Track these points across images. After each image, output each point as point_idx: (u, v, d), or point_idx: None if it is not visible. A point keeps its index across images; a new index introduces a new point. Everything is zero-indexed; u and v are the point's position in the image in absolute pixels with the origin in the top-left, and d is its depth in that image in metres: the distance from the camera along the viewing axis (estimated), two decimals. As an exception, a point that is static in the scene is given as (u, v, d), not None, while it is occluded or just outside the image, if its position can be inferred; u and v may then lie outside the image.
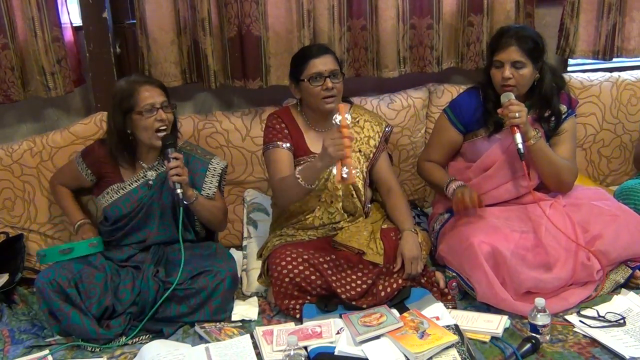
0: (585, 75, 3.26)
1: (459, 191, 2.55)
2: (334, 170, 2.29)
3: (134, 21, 2.89)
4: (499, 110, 2.50)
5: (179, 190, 2.41)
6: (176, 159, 2.42)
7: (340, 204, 2.61)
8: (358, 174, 2.59)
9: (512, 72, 2.50)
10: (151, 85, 2.49)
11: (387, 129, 2.73)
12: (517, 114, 2.43)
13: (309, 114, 2.64)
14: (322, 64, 2.51)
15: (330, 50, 2.61)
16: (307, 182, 2.39)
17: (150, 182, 2.56)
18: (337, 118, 2.27)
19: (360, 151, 2.64)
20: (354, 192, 2.61)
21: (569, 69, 3.45)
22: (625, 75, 3.29)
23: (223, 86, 2.97)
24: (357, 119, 2.68)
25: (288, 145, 2.59)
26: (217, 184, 2.63)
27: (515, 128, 2.45)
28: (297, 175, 2.40)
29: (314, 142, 2.63)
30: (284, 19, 2.88)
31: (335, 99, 2.54)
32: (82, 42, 2.88)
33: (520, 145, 2.44)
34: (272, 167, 2.60)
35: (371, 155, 2.66)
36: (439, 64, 3.09)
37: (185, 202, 2.46)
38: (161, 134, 2.47)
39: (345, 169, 2.24)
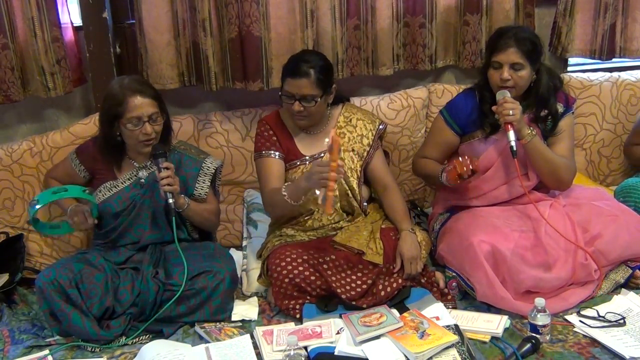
0: (585, 75, 3.27)
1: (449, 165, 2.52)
2: (317, 192, 2.28)
3: (134, 21, 2.89)
4: (493, 108, 2.50)
5: (170, 200, 2.41)
6: (167, 168, 2.42)
7: (338, 204, 2.61)
8: (336, 205, 2.55)
9: (510, 73, 2.50)
10: (142, 96, 2.42)
11: (380, 127, 2.72)
12: (510, 112, 2.43)
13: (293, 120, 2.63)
14: (295, 86, 2.46)
15: (313, 72, 2.45)
16: (292, 199, 2.40)
17: (143, 181, 2.55)
18: (326, 143, 2.23)
19: (353, 150, 2.64)
20: (349, 192, 2.61)
21: (569, 69, 3.46)
22: (625, 75, 3.29)
23: (223, 88, 2.95)
24: (350, 118, 2.68)
25: (277, 153, 2.59)
26: (209, 184, 2.62)
27: (509, 126, 2.45)
28: (284, 193, 2.41)
29: (304, 145, 2.63)
30: (286, 20, 2.87)
31: (305, 118, 2.53)
32: (83, 42, 2.88)
33: (512, 143, 2.45)
34: (262, 177, 2.60)
35: (365, 154, 2.65)
36: (432, 62, 3.09)
37: (177, 210, 2.46)
38: (149, 144, 2.46)
39: (323, 198, 2.24)
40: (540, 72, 2.58)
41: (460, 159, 2.46)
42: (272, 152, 2.59)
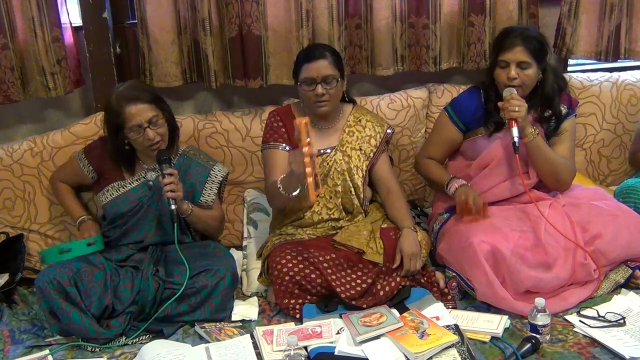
0: (585, 75, 3.26)
1: (462, 192, 2.55)
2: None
3: (134, 21, 2.89)
4: (499, 104, 2.51)
5: (173, 207, 2.42)
6: (171, 174, 2.42)
7: (340, 199, 2.62)
8: (321, 194, 2.56)
9: (517, 72, 2.51)
10: (138, 102, 2.42)
11: (388, 131, 2.74)
12: (516, 108, 2.44)
13: (309, 112, 2.65)
14: (314, 69, 2.49)
15: (328, 54, 2.53)
16: (286, 191, 2.43)
17: (151, 183, 2.56)
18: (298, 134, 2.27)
19: (360, 149, 2.65)
20: (352, 190, 2.62)
21: (569, 68, 3.45)
22: (625, 75, 3.28)
23: (223, 86, 2.97)
24: (359, 118, 2.70)
25: (284, 145, 2.60)
26: (216, 191, 2.64)
27: (513, 122, 2.46)
28: (279, 185, 2.43)
29: (313, 139, 2.62)
30: (283, 19, 2.89)
31: (328, 103, 2.54)
32: (82, 42, 2.88)
33: (515, 139, 2.45)
34: (267, 168, 2.63)
35: (371, 155, 2.67)
36: (436, 64, 3.08)
37: (181, 215, 2.48)
38: (154, 147, 2.47)
39: (305, 186, 2.27)
40: (546, 72, 2.59)
41: (468, 198, 2.51)
42: (279, 143, 2.61)
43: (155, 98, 2.50)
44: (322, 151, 2.62)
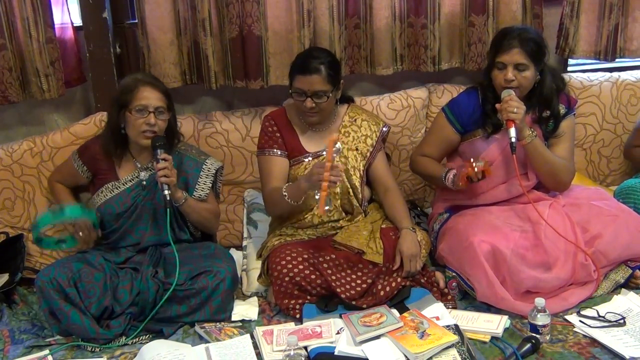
0: (585, 75, 3.26)
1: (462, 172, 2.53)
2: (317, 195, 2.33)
3: (135, 21, 2.89)
4: (497, 106, 2.50)
5: (166, 192, 2.41)
6: (165, 160, 2.43)
7: (338, 201, 2.62)
8: (331, 211, 2.57)
9: (514, 74, 2.50)
10: (153, 88, 2.47)
11: (384, 129, 2.73)
12: (515, 109, 2.44)
13: (301, 117, 2.65)
14: (306, 83, 2.47)
15: (323, 68, 2.47)
16: (292, 199, 2.44)
17: (144, 182, 2.56)
18: (324, 151, 2.31)
19: (357, 149, 2.65)
20: (350, 190, 2.62)
21: (569, 68, 3.45)
22: (625, 75, 3.29)
23: (223, 87, 2.97)
24: (355, 118, 2.69)
25: (279, 151, 2.61)
26: (210, 185, 2.63)
27: (511, 122, 2.46)
28: (284, 192, 2.44)
29: (309, 141, 2.64)
30: (284, 19, 2.89)
31: (317, 114, 2.55)
32: (83, 41, 2.88)
33: (513, 139, 2.45)
34: (264, 175, 2.63)
35: (368, 154, 2.66)
36: (435, 64, 3.07)
37: (174, 204, 2.47)
38: (149, 136, 2.47)
39: (317, 197, 2.30)
40: (544, 73, 2.58)
41: (472, 161, 2.44)
42: (275, 150, 2.61)
43: (168, 93, 2.53)
44: (318, 153, 2.62)
